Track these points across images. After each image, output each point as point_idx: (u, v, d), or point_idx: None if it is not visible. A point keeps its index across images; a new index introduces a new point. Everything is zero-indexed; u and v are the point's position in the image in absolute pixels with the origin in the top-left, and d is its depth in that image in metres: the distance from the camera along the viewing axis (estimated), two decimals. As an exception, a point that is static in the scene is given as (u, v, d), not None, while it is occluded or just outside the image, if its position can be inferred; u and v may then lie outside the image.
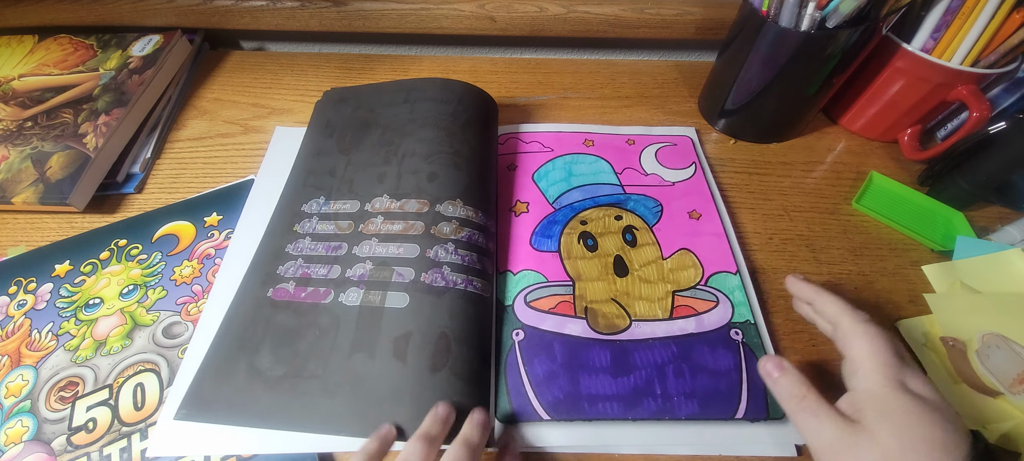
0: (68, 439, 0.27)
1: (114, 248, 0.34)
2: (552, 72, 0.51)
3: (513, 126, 0.44)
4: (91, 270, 0.33)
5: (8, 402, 0.28)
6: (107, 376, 0.29)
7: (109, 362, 0.30)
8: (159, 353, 0.30)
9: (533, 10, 0.49)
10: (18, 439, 0.27)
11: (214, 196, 0.38)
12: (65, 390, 0.29)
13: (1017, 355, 0.30)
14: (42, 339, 0.30)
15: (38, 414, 0.28)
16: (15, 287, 0.33)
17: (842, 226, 0.39)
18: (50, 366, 0.30)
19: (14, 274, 0.34)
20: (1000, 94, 0.40)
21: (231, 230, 0.35)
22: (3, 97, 0.43)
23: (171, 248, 0.35)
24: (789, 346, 0.32)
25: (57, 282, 0.33)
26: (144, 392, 0.29)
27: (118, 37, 0.48)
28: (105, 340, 0.30)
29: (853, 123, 0.45)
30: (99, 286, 0.33)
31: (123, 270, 0.33)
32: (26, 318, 0.31)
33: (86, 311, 0.32)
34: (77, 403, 0.28)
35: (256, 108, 0.46)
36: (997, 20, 0.34)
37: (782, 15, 0.36)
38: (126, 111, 0.41)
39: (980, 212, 0.39)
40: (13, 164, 0.38)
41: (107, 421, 0.28)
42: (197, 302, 0.32)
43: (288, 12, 0.49)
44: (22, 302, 0.32)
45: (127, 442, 0.27)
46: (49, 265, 0.34)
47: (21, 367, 0.30)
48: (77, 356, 0.30)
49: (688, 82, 0.50)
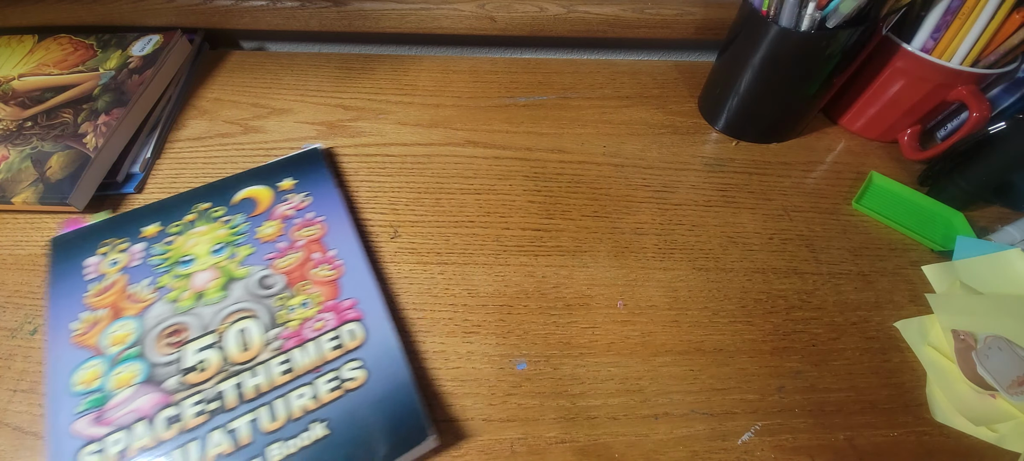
0: (181, 380, 0.29)
1: (197, 211, 0.36)
2: (552, 72, 0.51)
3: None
4: (179, 231, 0.35)
5: (114, 350, 0.30)
6: (210, 322, 0.31)
7: (211, 310, 0.31)
8: (256, 301, 0.32)
9: (533, 10, 0.49)
10: (129, 382, 0.29)
11: (285, 163, 0.40)
12: (172, 336, 0.30)
13: (1019, 357, 0.30)
14: (142, 292, 0.32)
15: (147, 359, 0.30)
16: (105, 247, 0.34)
17: (842, 226, 0.39)
18: (154, 315, 0.31)
19: (101, 237, 0.35)
20: (1000, 94, 0.40)
21: (307, 194, 0.37)
22: (3, 97, 0.43)
23: (251, 210, 0.37)
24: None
25: (147, 242, 0.35)
26: (248, 336, 0.30)
27: (118, 37, 0.48)
28: (203, 291, 0.32)
29: (853, 123, 0.45)
30: (189, 244, 0.34)
31: (210, 230, 0.35)
32: (122, 274, 0.33)
33: (181, 267, 0.33)
34: (186, 347, 0.30)
35: (256, 108, 0.46)
36: (997, 20, 0.34)
37: (782, 15, 0.36)
38: (126, 111, 0.41)
39: (980, 212, 0.39)
40: (13, 164, 0.38)
41: (218, 362, 0.29)
42: (283, 257, 0.34)
43: (288, 12, 0.49)
44: (115, 261, 0.34)
45: (238, 380, 0.29)
46: (136, 228, 0.36)
47: (123, 318, 0.31)
48: (179, 306, 0.32)
49: (688, 82, 0.50)
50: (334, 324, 0.30)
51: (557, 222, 0.38)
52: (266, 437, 0.27)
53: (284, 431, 0.27)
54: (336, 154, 0.43)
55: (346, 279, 0.32)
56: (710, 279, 0.35)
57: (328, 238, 0.35)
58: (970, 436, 0.29)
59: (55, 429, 0.27)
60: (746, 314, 0.34)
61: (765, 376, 0.31)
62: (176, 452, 0.26)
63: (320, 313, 0.31)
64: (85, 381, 0.29)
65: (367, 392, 0.28)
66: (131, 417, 0.27)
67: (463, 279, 0.35)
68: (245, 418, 0.27)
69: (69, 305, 0.32)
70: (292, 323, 0.31)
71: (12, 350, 0.31)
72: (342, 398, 0.28)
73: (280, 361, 0.29)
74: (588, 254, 0.36)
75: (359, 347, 0.30)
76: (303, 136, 0.44)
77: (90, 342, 0.30)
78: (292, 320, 0.31)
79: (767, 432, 0.29)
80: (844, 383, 0.31)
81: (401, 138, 0.44)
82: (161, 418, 0.27)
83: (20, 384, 0.30)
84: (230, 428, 0.27)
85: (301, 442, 0.26)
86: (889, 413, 0.30)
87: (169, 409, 0.28)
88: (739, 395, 0.30)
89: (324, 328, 0.30)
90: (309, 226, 0.35)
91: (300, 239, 0.34)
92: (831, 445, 0.29)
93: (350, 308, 0.31)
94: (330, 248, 0.34)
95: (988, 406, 0.29)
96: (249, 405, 0.28)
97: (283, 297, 0.32)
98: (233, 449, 0.26)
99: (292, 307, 0.31)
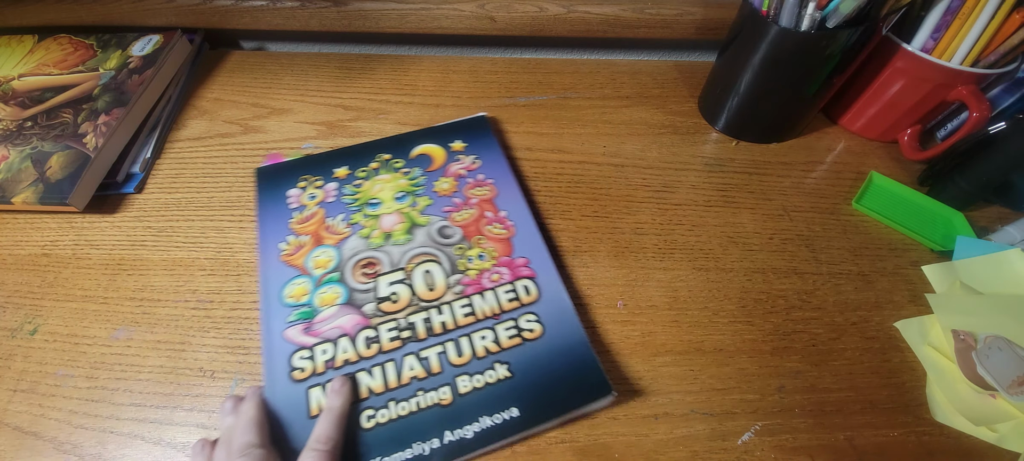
0: (377, 307, 0.32)
1: (380, 160, 0.40)
2: (552, 72, 0.51)
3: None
4: (366, 176, 0.39)
5: (318, 273, 0.33)
6: (399, 261, 0.34)
7: (398, 250, 0.35)
8: (438, 248, 0.35)
9: (533, 10, 0.49)
10: (332, 302, 0.32)
11: (455, 126, 0.43)
12: (367, 268, 0.34)
13: (1019, 357, 0.30)
14: (338, 226, 0.36)
15: (346, 284, 0.33)
16: (304, 182, 0.39)
17: (842, 226, 0.39)
18: (349, 247, 0.35)
19: (299, 172, 0.39)
20: (1000, 94, 0.40)
21: (476, 157, 0.40)
22: (3, 97, 0.43)
23: (427, 165, 0.40)
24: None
25: (339, 182, 0.39)
26: (433, 277, 0.33)
27: (118, 37, 0.48)
28: (391, 232, 0.36)
29: (853, 123, 0.45)
30: (375, 189, 0.38)
31: (392, 179, 0.39)
32: (319, 208, 0.37)
33: (370, 208, 0.37)
34: (379, 279, 0.33)
35: (256, 108, 0.46)
36: (997, 20, 0.34)
37: (782, 15, 0.36)
38: (126, 111, 0.41)
39: (980, 212, 0.39)
40: (13, 164, 0.38)
41: (407, 296, 0.32)
42: (459, 211, 0.37)
43: (288, 12, 0.49)
44: (313, 195, 0.38)
45: (427, 314, 0.32)
46: (329, 168, 0.39)
47: (323, 246, 0.35)
48: (371, 242, 0.35)
49: (688, 82, 0.50)
50: (509, 278, 0.33)
51: (557, 222, 0.38)
52: (454, 369, 0.30)
53: (470, 367, 0.30)
54: (501, 124, 0.45)
55: (517, 239, 0.35)
56: (710, 279, 0.35)
57: (499, 200, 0.38)
58: (970, 436, 0.29)
59: (269, 334, 0.31)
60: (746, 314, 0.34)
61: (765, 376, 0.31)
62: (375, 369, 0.30)
63: (495, 266, 0.34)
64: (294, 296, 0.32)
65: (545, 344, 0.30)
66: (335, 332, 0.31)
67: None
68: (434, 349, 0.30)
69: (276, 228, 0.36)
70: (471, 272, 0.33)
71: (12, 350, 0.31)
72: (521, 346, 0.30)
73: (462, 304, 0.32)
74: (588, 254, 0.36)
75: (534, 303, 0.32)
76: (303, 136, 0.44)
77: (297, 262, 0.34)
78: (471, 269, 0.34)
79: (767, 432, 0.29)
80: (844, 383, 0.31)
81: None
82: (361, 337, 0.31)
83: (20, 384, 0.30)
84: (422, 355, 0.30)
85: (486, 379, 0.29)
86: (889, 413, 0.30)
87: (368, 331, 0.31)
88: (739, 395, 0.30)
89: (500, 281, 0.33)
90: (480, 186, 0.38)
91: (473, 197, 0.38)
92: (831, 445, 0.29)
93: (523, 266, 0.34)
94: (501, 209, 0.37)
95: (988, 406, 0.29)
96: (437, 338, 0.31)
97: (461, 247, 0.35)
98: (425, 375, 0.29)
99: (470, 258, 0.34)
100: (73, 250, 0.36)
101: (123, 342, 0.32)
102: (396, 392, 0.29)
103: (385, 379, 0.29)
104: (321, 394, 0.28)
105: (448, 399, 0.28)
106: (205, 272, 0.35)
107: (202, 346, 0.32)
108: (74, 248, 0.36)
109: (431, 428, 0.27)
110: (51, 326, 0.32)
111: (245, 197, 0.39)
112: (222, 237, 0.37)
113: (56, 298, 0.34)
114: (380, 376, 0.29)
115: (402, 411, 0.28)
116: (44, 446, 0.28)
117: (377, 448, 0.27)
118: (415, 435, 0.27)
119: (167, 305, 0.33)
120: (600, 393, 0.28)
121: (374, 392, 0.29)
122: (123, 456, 0.28)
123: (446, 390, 0.29)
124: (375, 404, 0.28)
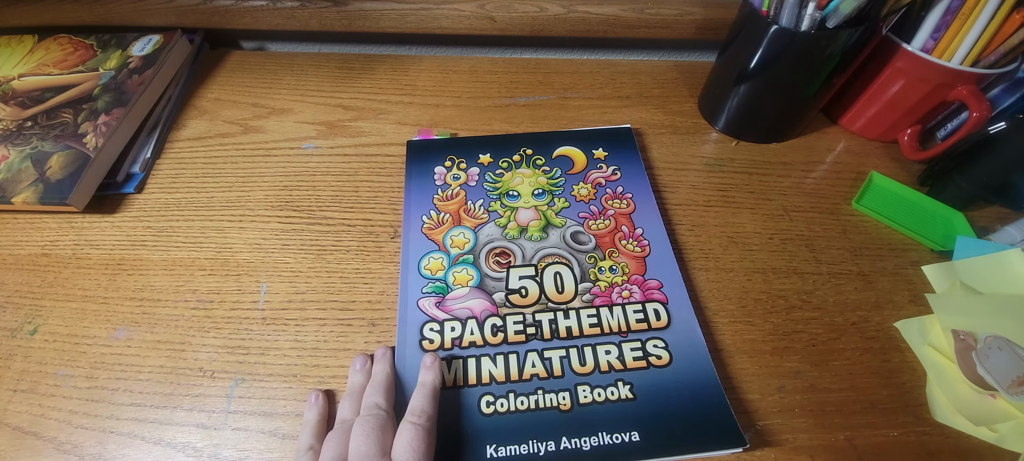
0: (506, 297, 0.32)
1: (523, 154, 0.41)
2: (552, 72, 0.51)
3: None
4: (507, 167, 0.40)
5: (454, 251, 0.35)
6: (531, 257, 0.34)
7: (532, 246, 0.35)
8: (570, 252, 0.35)
9: (533, 10, 0.49)
10: (465, 283, 0.33)
11: (599, 133, 0.43)
12: (500, 257, 0.34)
13: (1019, 357, 0.30)
14: (476, 210, 0.37)
15: (479, 268, 0.34)
16: (449, 162, 0.40)
17: (842, 226, 0.39)
18: (485, 233, 0.36)
19: (447, 152, 0.41)
20: (1000, 94, 0.40)
21: (616, 168, 0.40)
22: (3, 97, 0.43)
23: (568, 168, 0.40)
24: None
25: (482, 168, 0.40)
26: (563, 280, 0.33)
27: (118, 37, 0.48)
28: (526, 227, 0.36)
29: (853, 123, 0.45)
30: (515, 182, 0.39)
31: (532, 174, 0.39)
32: (462, 189, 0.38)
33: (508, 199, 0.38)
34: (511, 270, 0.34)
35: (256, 108, 0.46)
36: (997, 20, 0.34)
37: (782, 15, 0.36)
38: (126, 111, 0.41)
39: (980, 212, 0.39)
40: (13, 164, 0.38)
41: (536, 293, 0.33)
42: (595, 220, 0.36)
43: (288, 12, 0.49)
44: (456, 176, 0.39)
45: (553, 315, 0.32)
46: (475, 153, 0.41)
47: (462, 226, 0.36)
48: (506, 233, 0.36)
49: (688, 82, 0.50)
50: (640, 298, 0.33)
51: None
52: (576, 376, 0.29)
53: (592, 378, 0.29)
54: (645, 137, 0.45)
55: (651, 259, 0.34)
56: (710, 279, 0.35)
57: (636, 215, 0.37)
58: (970, 436, 0.29)
59: (405, 301, 0.32)
60: (746, 314, 0.34)
61: (765, 376, 0.31)
62: (499, 358, 0.30)
63: (627, 283, 0.33)
64: (430, 269, 0.34)
65: (672, 374, 0.29)
66: (465, 312, 0.32)
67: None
68: (557, 352, 0.30)
69: (422, 200, 0.38)
70: (601, 283, 0.33)
71: (12, 350, 0.31)
72: (647, 371, 0.29)
73: (589, 314, 0.32)
74: (588, 254, 0.36)
75: (663, 329, 0.31)
76: (303, 136, 0.44)
77: (436, 237, 0.35)
78: (601, 281, 0.33)
79: (767, 432, 0.29)
80: (844, 383, 0.31)
81: (401, 138, 0.44)
82: (488, 323, 0.31)
83: (20, 384, 0.30)
84: (545, 355, 0.30)
85: (608, 395, 0.28)
86: (889, 413, 0.30)
87: (495, 319, 0.31)
88: (739, 395, 0.30)
89: (630, 299, 0.32)
90: (618, 199, 0.38)
91: (610, 209, 0.37)
92: (831, 445, 0.28)
93: (655, 288, 0.33)
94: (637, 226, 0.36)
95: (988, 406, 0.29)
96: (562, 342, 0.31)
97: (594, 256, 0.35)
98: (546, 376, 0.29)
99: (602, 269, 0.34)
100: (73, 250, 0.36)
101: (123, 342, 0.32)
102: (516, 385, 0.29)
103: (507, 370, 0.29)
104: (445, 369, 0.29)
105: (567, 405, 0.28)
106: (205, 272, 0.35)
107: (202, 346, 0.32)
108: (74, 248, 0.36)
109: (548, 430, 0.27)
110: (51, 326, 0.32)
111: (245, 197, 0.39)
112: (222, 237, 0.37)
113: (56, 298, 0.34)
114: (502, 366, 0.30)
115: (521, 406, 0.28)
116: (44, 446, 0.28)
117: (493, 435, 0.27)
118: (532, 433, 0.27)
119: (167, 305, 0.33)
120: (731, 442, 0.27)
121: (496, 380, 0.29)
122: (123, 456, 0.28)
123: (566, 396, 0.28)
124: (495, 392, 0.29)
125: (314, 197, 0.39)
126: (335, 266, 0.35)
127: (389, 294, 0.34)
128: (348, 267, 0.35)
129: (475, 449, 0.27)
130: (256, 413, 0.29)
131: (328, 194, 0.40)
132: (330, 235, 0.37)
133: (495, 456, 0.26)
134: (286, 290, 0.34)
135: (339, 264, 0.35)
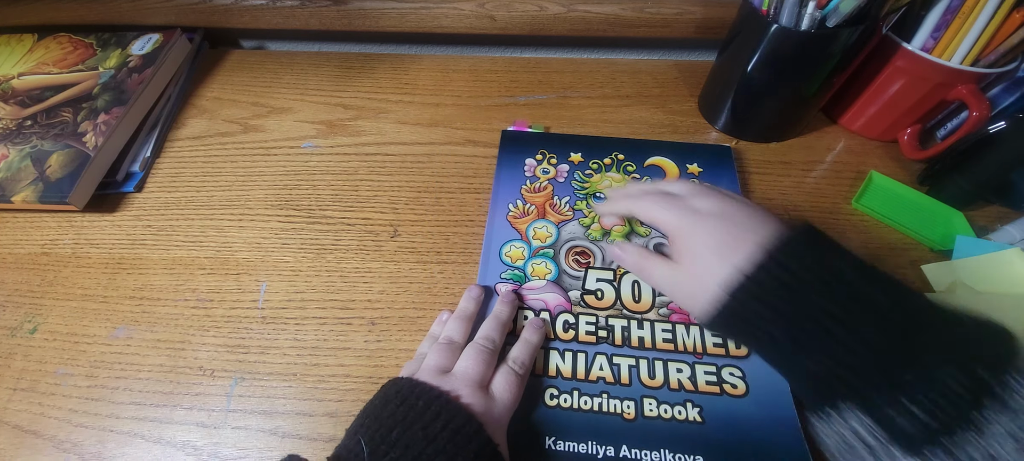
0: (581, 297, 0.32)
1: (614, 158, 0.40)
2: (552, 72, 0.51)
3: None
4: (597, 169, 0.40)
5: (536, 243, 0.35)
6: (611, 261, 0.34)
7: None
8: None
9: (533, 9, 0.49)
10: (543, 276, 0.33)
11: (697, 148, 0.42)
12: (580, 256, 0.34)
13: (1017, 354, 0.30)
14: (561, 206, 0.37)
15: (558, 264, 0.34)
16: (540, 155, 0.40)
17: (842, 226, 0.39)
18: (568, 231, 0.36)
19: (539, 145, 0.41)
20: (1000, 94, 0.40)
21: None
22: (3, 96, 0.43)
23: (659, 178, 0.39)
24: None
25: (572, 167, 0.40)
26: (640, 290, 0.33)
27: (118, 36, 0.48)
28: (609, 231, 0.36)
29: (853, 123, 0.45)
30: (603, 184, 0.38)
31: (621, 180, 0.39)
32: (549, 184, 0.38)
33: (594, 200, 0.37)
34: (589, 271, 0.34)
35: (256, 107, 0.46)
36: (997, 20, 0.34)
37: (782, 15, 0.36)
38: (126, 110, 0.41)
39: (980, 212, 0.39)
40: (13, 163, 0.38)
41: (612, 298, 0.32)
42: None
43: (288, 11, 0.49)
44: (546, 170, 0.39)
45: (627, 323, 0.31)
46: (566, 150, 0.41)
47: (545, 220, 0.36)
48: (589, 234, 0.36)
49: (688, 82, 0.50)
50: None
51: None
52: (643, 388, 0.29)
53: (660, 393, 0.29)
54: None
55: None
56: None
57: None
58: (969, 435, 0.29)
59: (483, 281, 0.33)
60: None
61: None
62: (567, 354, 0.30)
63: None
64: (511, 256, 0.34)
65: (746, 406, 0.28)
66: (539, 304, 0.32)
67: (462, 278, 0.35)
68: (627, 360, 0.30)
69: (510, 188, 0.38)
70: None
71: (12, 349, 0.31)
72: (719, 397, 0.28)
73: (664, 328, 0.31)
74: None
75: (742, 358, 0.30)
76: (303, 135, 0.44)
77: (520, 227, 0.36)
78: None
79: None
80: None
81: (401, 137, 0.44)
82: (561, 319, 0.31)
83: (20, 383, 0.30)
84: (614, 361, 0.30)
85: (675, 413, 0.28)
86: (889, 412, 0.30)
87: (568, 315, 0.32)
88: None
89: None
90: None
91: None
92: (831, 444, 0.28)
93: None
94: None
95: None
96: (632, 351, 0.30)
97: None
98: (613, 381, 0.29)
99: None
100: (73, 249, 0.36)
101: (123, 341, 0.32)
102: (582, 385, 0.29)
103: (574, 367, 0.29)
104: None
105: (631, 415, 0.28)
106: (205, 271, 0.35)
107: (202, 345, 0.32)
108: (74, 247, 0.36)
109: (610, 435, 0.27)
110: (51, 325, 0.33)
111: (245, 196, 0.39)
112: (222, 236, 0.37)
113: (56, 297, 0.34)
114: (570, 362, 0.30)
115: (584, 405, 0.28)
116: (44, 444, 0.28)
117: (555, 429, 0.27)
118: (593, 434, 0.27)
119: (167, 304, 0.33)
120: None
121: (562, 375, 0.29)
122: (123, 454, 0.28)
123: (631, 405, 0.28)
124: (560, 386, 0.29)
125: (314, 196, 0.39)
126: (335, 265, 0.35)
127: (389, 293, 0.34)
128: (348, 266, 0.35)
129: (535, 438, 0.27)
130: (256, 412, 0.29)
131: (328, 193, 0.40)
132: (330, 234, 0.37)
133: (553, 449, 0.27)
134: (286, 289, 0.34)
135: (339, 263, 0.35)
